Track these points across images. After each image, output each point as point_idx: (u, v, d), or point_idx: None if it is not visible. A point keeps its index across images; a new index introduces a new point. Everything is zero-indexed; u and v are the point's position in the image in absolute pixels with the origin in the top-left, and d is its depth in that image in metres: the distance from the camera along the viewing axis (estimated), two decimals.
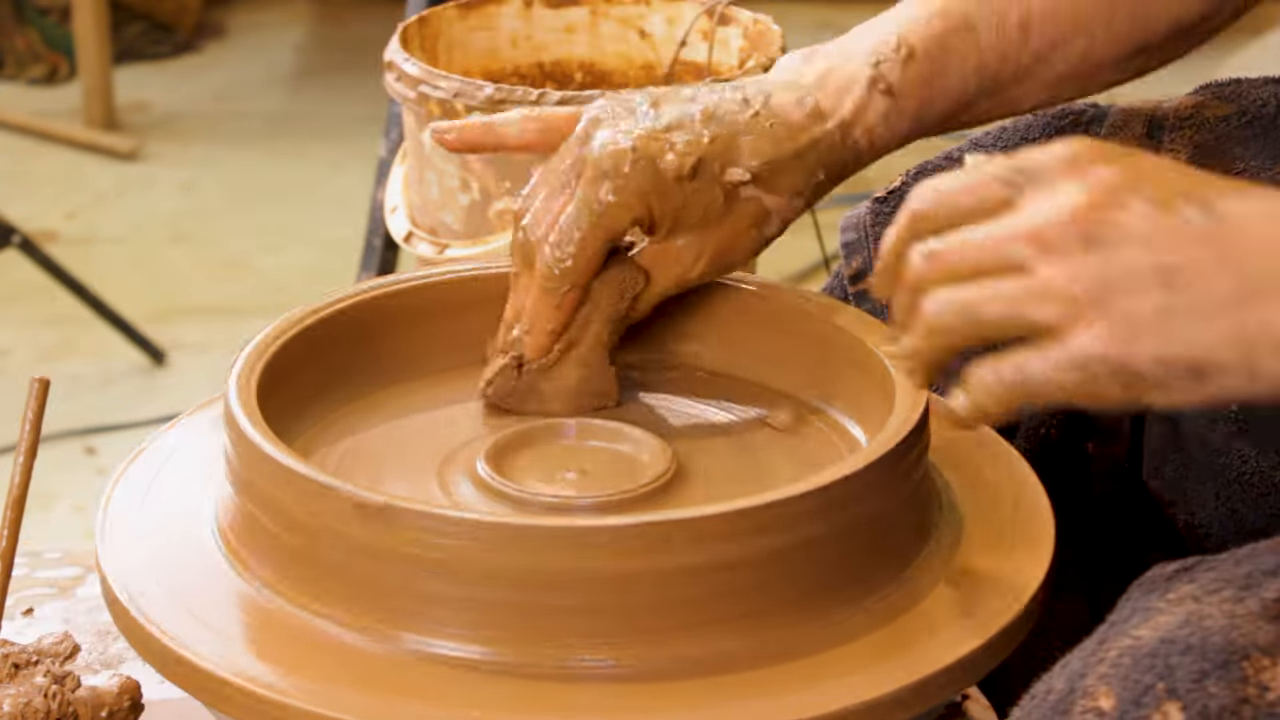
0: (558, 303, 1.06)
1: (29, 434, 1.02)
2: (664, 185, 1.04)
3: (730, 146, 1.05)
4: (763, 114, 1.06)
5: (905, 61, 1.08)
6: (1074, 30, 1.11)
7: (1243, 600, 0.80)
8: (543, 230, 1.06)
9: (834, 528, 0.94)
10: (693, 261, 1.07)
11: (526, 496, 1.00)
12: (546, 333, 1.07)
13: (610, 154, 1.04)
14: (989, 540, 1.01)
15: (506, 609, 0.91)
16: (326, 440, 1.08)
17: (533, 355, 1.08)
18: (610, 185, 1.04)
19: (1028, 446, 1.11)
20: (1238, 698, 0.77)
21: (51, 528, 2.52)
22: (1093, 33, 1.11)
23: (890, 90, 1.07)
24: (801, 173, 1.07)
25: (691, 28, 1.81)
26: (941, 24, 1.09)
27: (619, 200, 1.04)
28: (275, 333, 1.07)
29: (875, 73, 1.08)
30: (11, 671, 0.99)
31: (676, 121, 1.05)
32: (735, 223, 1.07)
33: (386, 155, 2.25)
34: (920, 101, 1.09)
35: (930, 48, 1.08)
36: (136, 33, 4.18)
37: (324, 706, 0.89)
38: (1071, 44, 1.11)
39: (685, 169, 1.04)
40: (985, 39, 1.09)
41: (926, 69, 1.08)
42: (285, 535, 0.96)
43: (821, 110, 1.07)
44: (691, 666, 0.91)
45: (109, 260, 3.28)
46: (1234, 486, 1.07)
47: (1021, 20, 1.10)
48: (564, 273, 1.05)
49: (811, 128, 1.07)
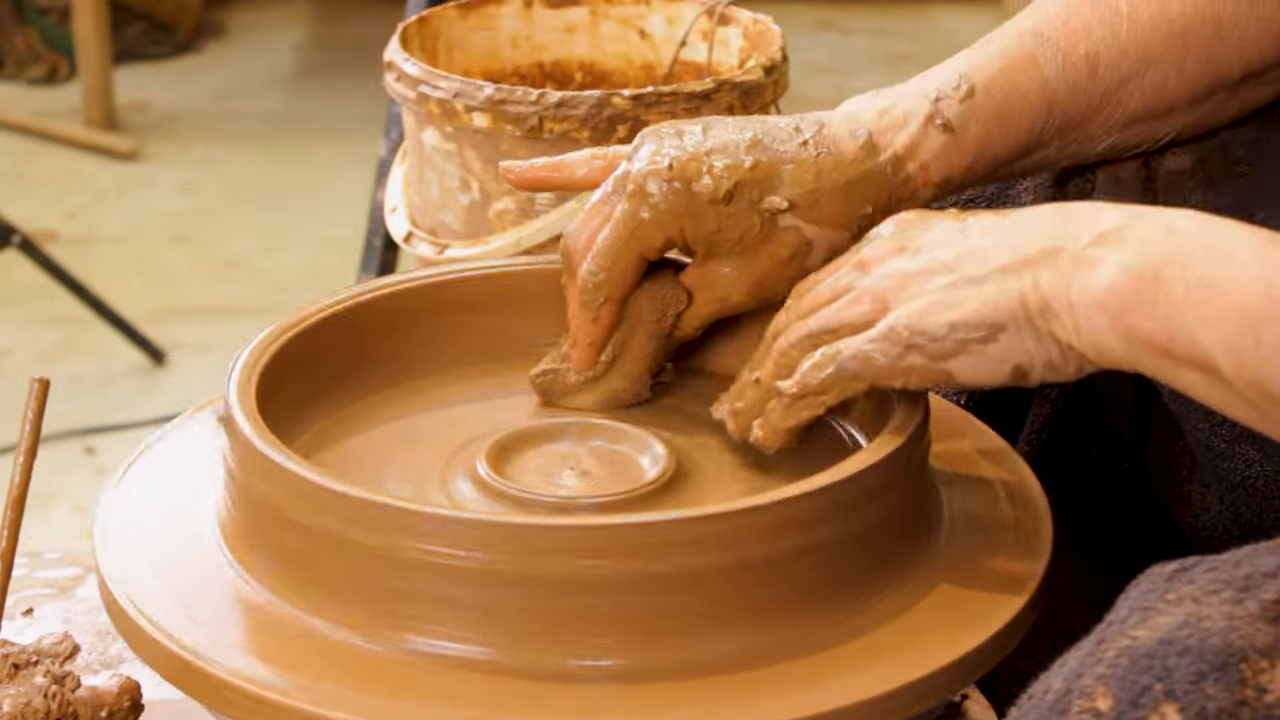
0: (594, 316, 1.08)
1: (29, 434, 1.02)
2: (698, 207, 1.05)
3: (771, 174, 1.05)
4: (812, 143, 1.06)
5: (965, 98, 1.08)
6: (1143, 66, 1.11)
7: (1241, 602, 0.80)
8: (582, 243, 1.07)
9: (834, 528, 0.94)
10: (731, 288, 1.08)
11: (527, 496, 1.00)
12: (587, 345, 1.09)
13: (647, 173, 1.05)
14: (988, 540, 1.01)
15: (506, 609, 0.91)
16: (326, 441, 1.08)
17: (579, 369, 1.09)
18: (645, 203, 1.05)
19: (1029, 450, 1.11)
20: (1236, 700, 0.77)
21: (51, 528, 2.52)
22: (1164, 71, 1.11)
23: (948, 126, 1.07)
24: (846, 204, 1.06)
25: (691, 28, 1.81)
26: (1003, 61, 1.09)
27: (652, 218, 1.05)
28: (275, 333, 1.07)
29: (933, 109, 1.08)
30: (11, 671, 0.99)
31: (721, 145, 1.06)
32: (775, 251, 1.06)
33: (386, 155, 2.25)
34: (982, 138, 1.08)
35: (992, 84, 1.08)
36: (136, 33, 4.18)
37: (323, 706, 0.89)
38: (1143, 79, 1.11)
39: (720, 192, 1.04)
40: (1051, 72, 1.09)
41: (987, 105, 1.08)
42: (285, 536, 0.96)
43: (874, 143, 1.07)
44: (691, 666, 0.91)
45: (109, 260, 3.28)
46: (1238, 491, 1.07)
47: (1089, 54, 1.10)
48: (597, 285, 1.07)
49: (863, 160, 1.07)
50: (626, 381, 1.10)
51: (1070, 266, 0.92)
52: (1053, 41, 1.10)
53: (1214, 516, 1.09)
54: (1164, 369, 0.90)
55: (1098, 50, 1.10)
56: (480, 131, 1.61)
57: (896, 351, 0.96)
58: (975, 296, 0.94)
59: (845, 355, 0.97)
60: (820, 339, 0.98)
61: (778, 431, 1.01)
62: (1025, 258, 0.93)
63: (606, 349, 1.09)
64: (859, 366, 0.97)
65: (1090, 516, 1.16)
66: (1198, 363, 0.88)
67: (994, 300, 0.94)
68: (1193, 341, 0.88)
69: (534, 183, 1.14)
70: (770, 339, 1.03)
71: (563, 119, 1.59)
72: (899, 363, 0.96)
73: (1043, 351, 0.94)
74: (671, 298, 1.09)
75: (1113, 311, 0.90)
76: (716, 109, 1.62)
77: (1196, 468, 1.11)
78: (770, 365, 1.01)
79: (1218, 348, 0.87)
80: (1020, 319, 0.93)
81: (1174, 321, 0.88)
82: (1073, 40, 1.10)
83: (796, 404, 1.00)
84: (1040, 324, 0.93)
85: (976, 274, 0.94)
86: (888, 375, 0.97)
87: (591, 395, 1.10)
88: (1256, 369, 0.86)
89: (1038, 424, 1.17)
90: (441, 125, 1.64)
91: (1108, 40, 1.10)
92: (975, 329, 0.94)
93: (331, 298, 1.12)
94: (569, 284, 1.09)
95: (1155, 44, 1.11)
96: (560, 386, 1.10)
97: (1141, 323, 0.89)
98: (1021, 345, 0.94)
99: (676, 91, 1.61)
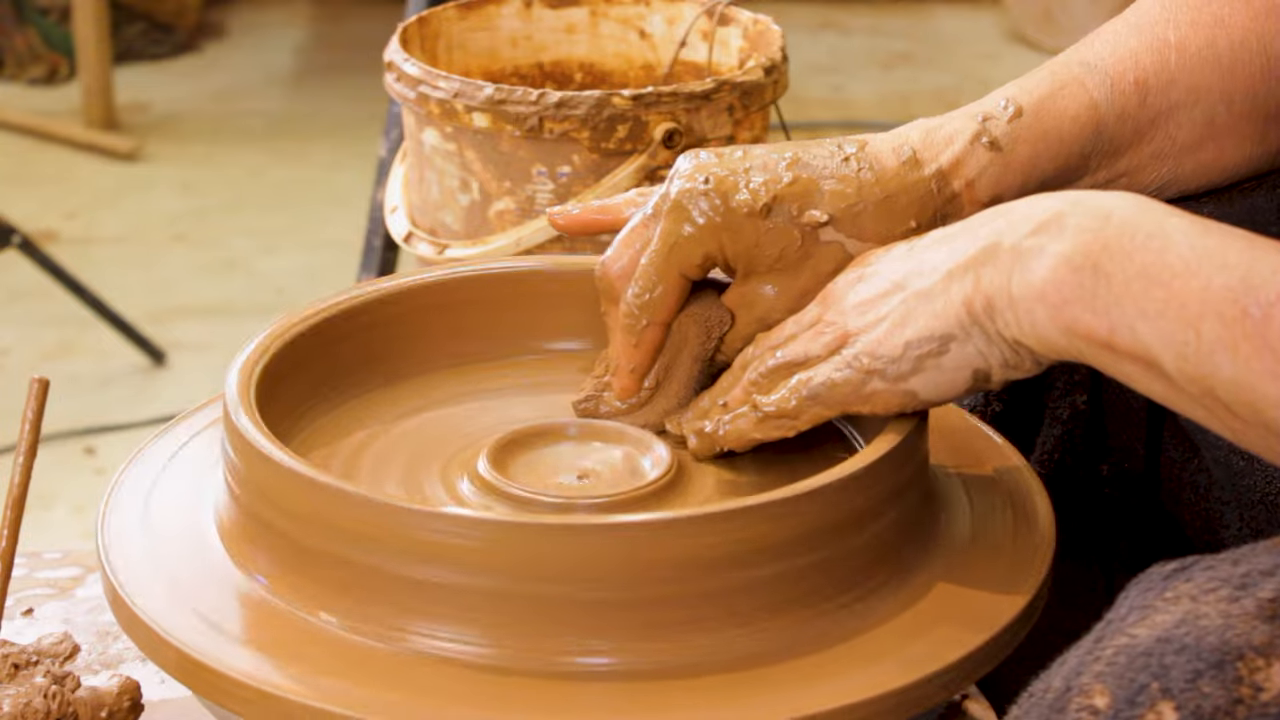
0: (636, 341, 1.07)
1: (29, 434, 1.02)
2: (736, 221, 1.04)
3: (811, 189, 1.05)
4: (854, 159, 1.06)
5: (1012, 119, 1.08)
6: (1193, 97, 1.11)
7: (1238, 600, 0.80)
8: (621, 268, 1.07)
9: (833, 528, 0.94)
10: (772, 306, 1.07)
11: (528, 496, 1.00)
12: (628, 372, 1.08)
13: (685, 190, 1.05)
14: (989, 541, 1.01)
15: (507, 608, 0.91)
16: (326, 440, 1.08)
17: (620, 396, 1.09)
18: (685, 220, 1.04)
19: (1042, 471, 1.11)
20: (1232, 698, 0.77)
21: (51, 528, 2.52)
22: (1212, 104, 1.11)
23: (995, 144, 1.08)
24: (889, 219, 1.06)
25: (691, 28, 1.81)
26: (1051, 85, 1.10)
27: (691, 234, 1.04)
28: (275, 333, 1.07)
29: (979, 128, 1.08)
30: (11, 672, 0.99)
31: (761, 164, 1.06)
32: (817, 266, 1.06)
33: (386, 155, 2.25)
34: (1031, 158, 1.09)
35: (1040, 106, 1.09)
36: (136, 33, 4.19)
37: (324, 702, 0.89)
38: (1192, 111, 1.11)
39: (758, 205, 1.04)
40: (1099, 96, 1.10)
41: (1035, 126, 1.09)
42: (285, 534, 0.96)
43: (918, 159, 1.07)
44: (691, 666, 0.91)
45: (109, 260, 3.28)
46: (1258, 508, 1.07)
47: (1139, 81, 1.10)
48: (642, 308, 1.06)
49: (905, 175, 1.07)
50: (672, 406, 1.08)
51: (1010, 260, 0.92)
52: (1100, 69, 1.10)
53: (1233, 534, 1.09)
54: (1107, 362, 0.90)
55: (1147, 78, 1.10)
56: (480, 131, 1.61)
57: (859, 379, 0.97)
58: (925, 311, 0.95)
59: (814, 383, 0.99)
60: (791, 369, 1.00)
61: (743, 437, 1.02)
62: (968, 259, 0.94)
63: (650, 375, 1.08)
64: (827, 393, 0.98)
65: (1104, 534, 1.16)
66: (1139, 357, 0.89)
67: (940, 311, 0.95)
68: (1133, 335, 0.88)
69: (583, 226, 1.14)
70: (738, 370, 1.04)
71: (563, 119, 1.59)
72: (862, 389, 0.98)
73: (995, 352, 0.95)
74: (715, 319, 1.08)
75: (1053, 304, 0.91)
76: (716, 109, 1.62)
77: (1214, 485, 1.10)
78: (739, 393, 1.03)
79: (1158, 342, 0.87)
80: (967, 324, 0.94)
81: (1114, 314, 0.89)
82: (1120, 69, 1.10)
83: (768, 421, 1.01)
84: (987, 324, 0.94)
85: (924, 286, 0.96)
86: (855, 402, 0.98)
87: (639, 419, 1.08)
88: (1199, 365, 0.86)
89: (1049, 444, 1.16)
90: (441, 125, 1.64)
91: (1156, 68, 1.11)
92: (927, 343, 0.95)
93: (331, 298, 1.12)
94: (610, 311, 1.08)
95: (1204, 76, 1.11)
96: (604, 413, 1.09)
97: (1082, 315, 0.90)
98: (974, 349, 0.95)
99: (676, 91, 1.61)
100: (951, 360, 0.96)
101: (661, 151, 1.59)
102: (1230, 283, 0.86)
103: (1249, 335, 0.85)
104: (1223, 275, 0.86)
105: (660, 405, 1.08)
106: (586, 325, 1.16)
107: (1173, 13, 1.12)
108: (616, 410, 1.09)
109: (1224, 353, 0.85)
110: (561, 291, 1.16)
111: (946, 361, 0.96)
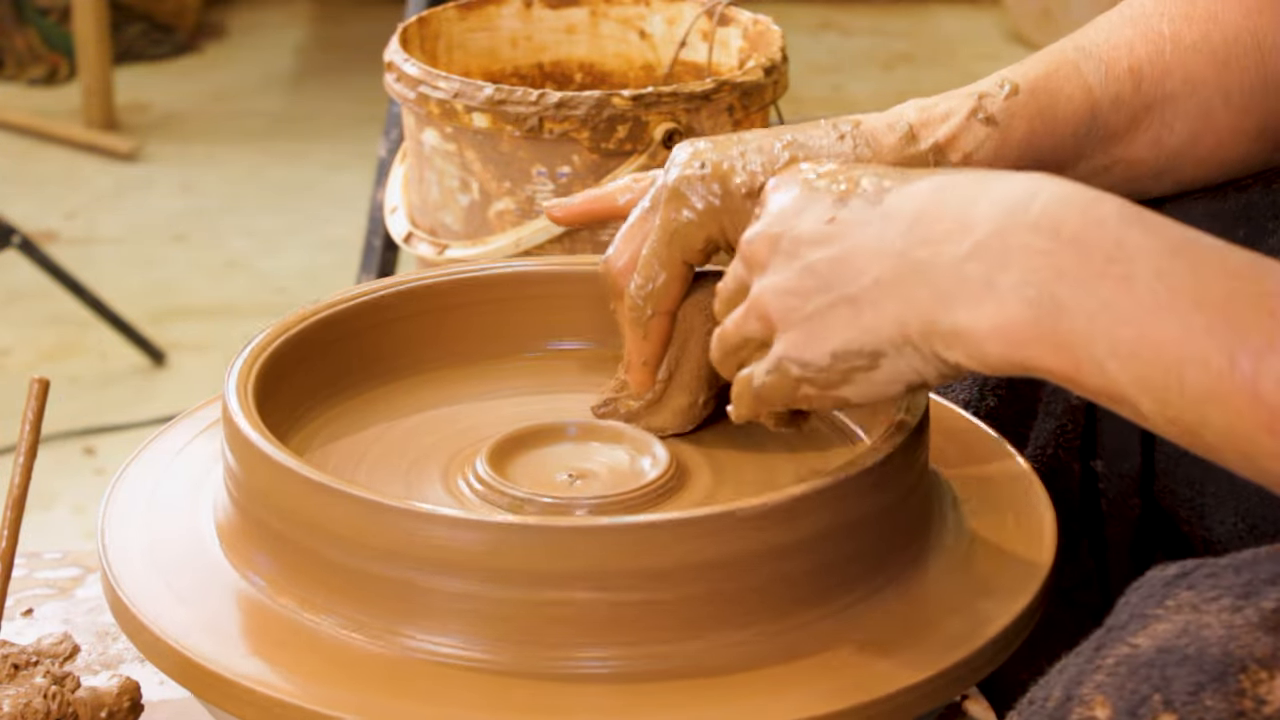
0: (644, 333, 1.07)
1: (29, 434, 1.02)
2: (735, 203, 1.04)
3: None
4: (849, 137, 1.07)
5: (1008, 96, 1.09)
6: (1188, 89, 1.11)
7: (1241, 610, 0.79)
8: (624, 262, 1.07)
9: (834, 529, 0.94)
10: None
11: (527, 497, 1.00)
12: (640, 365, 1.07)
13: (682, 177, 1.04)
14: (989, 541, 1.01)
15: (506, 609, 0.91)
16: (325, 440, 1.08)
17: (638, 391, 1.08)
18: (683, 206, 1.04)
19: (1035, 467, 1.11)
20: (1234, 711, 0.77)
21: (51, 528, 2.52)
22: (1208, 97, 1.11)
23: (991, 119, 1.08)
24: None
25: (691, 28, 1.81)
26: (1047, 67, 1.10)
27: (691, 219, 1.04)
28: (274, 333, 1.07)
29: (976, 104, 1.08)
30: (11, 672, 0.99)
31: (757, 146, 1.05)
32: None
33: (386, 155, 2.25)
34: (1028, 136, 1.09)
35: (1036, 85, 1.09)
36: (136, 33, 4.18)
37: (323, 705, 0.89)
38: (1189, 102, 1.11)
39: (755, 185, 1.03)
40: (1094, 80, 1.10)
41: (1031, 104, 1.09)
42: (284, 535, 0.96)
43: (915, 134, 1.08)
44: (691, 666, 0.91)
45: (109, 260, 3.28)
46: (1254, 501, 1.07)
47: (1133, 68, 1.11)
48: (645, 298, 1.05)
49: (902, 149, 1.07)
50: (688, 396, 1.08)
51: (951, 287, 0.87)
52: (1095, 55, 1.11)
53: (1229, 529, 1.08)
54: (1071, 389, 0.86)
55: (1141, 66, 1.11)
56: (480, 132, 1.61)
57: (789, 384, 0.94)
58: (852, 322, 0.90)
59: (755, 384, 0.96)
60: (738, 354, 0.98)
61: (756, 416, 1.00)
62: (898, 274, 0.88)
63: (662, 367, 1.08)
64: (768, 394, 0.95)
65: (1098, 531, 1.16)
66: (1111, 395, 0.84)
67: (871, 326, 0.90)
68: (1102, 373, 0.83)
69: (580, 217, 1.14)
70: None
71: (563, 119, 1.59)
72: (795, 393, 0.94)
73: (931, 369, 0.90)
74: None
75: (1009, 343, 0.85)
76: (716, 109, 1.62)
77: (1209, 481, 1.10)
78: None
79: (1133, 385, 0.82)
80: (900, 344, 0.89)
81: (1080, 354, 0.83)
82: (1115, 55, 1.11)
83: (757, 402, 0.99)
84: (923, 346, 0.89)
85: (851, 291, 0.90)
86: (792, 404, 0.95)
87: (659, 418, 1.08)
88: (1183, 411, 0.82)
89: (1043, 439, 1.16)
90: (441, 125, 1.63)
91: (1151, 57, 1.11)
92: (856, 357, 0.91)
93: (331, 298, 1.12)
94: (617, 307, 1.08)
95: (1200, 68, 1.11)
96: (624, 414, 1.09)
97: (1042, 354, 0.84)
98: (907, 365, 0.90)
99: (676, 92, 1.61)
100: (883, 375, 0.91)
101: (662, 152, 1.59)
102: (1212, 324, 0.80)
103: (1241, 389, 0.80)
104: (1201, 314, 0.80)
105: (675, 400, 1.08)
106: (587, 326, 1.16)
107: (1166, 7, 1.13)
108: (635, 412, 1.08)
109: (1213, 405, 0.81)
110: (562, 293, 1.16)
111: (878, 375, 0.91)
